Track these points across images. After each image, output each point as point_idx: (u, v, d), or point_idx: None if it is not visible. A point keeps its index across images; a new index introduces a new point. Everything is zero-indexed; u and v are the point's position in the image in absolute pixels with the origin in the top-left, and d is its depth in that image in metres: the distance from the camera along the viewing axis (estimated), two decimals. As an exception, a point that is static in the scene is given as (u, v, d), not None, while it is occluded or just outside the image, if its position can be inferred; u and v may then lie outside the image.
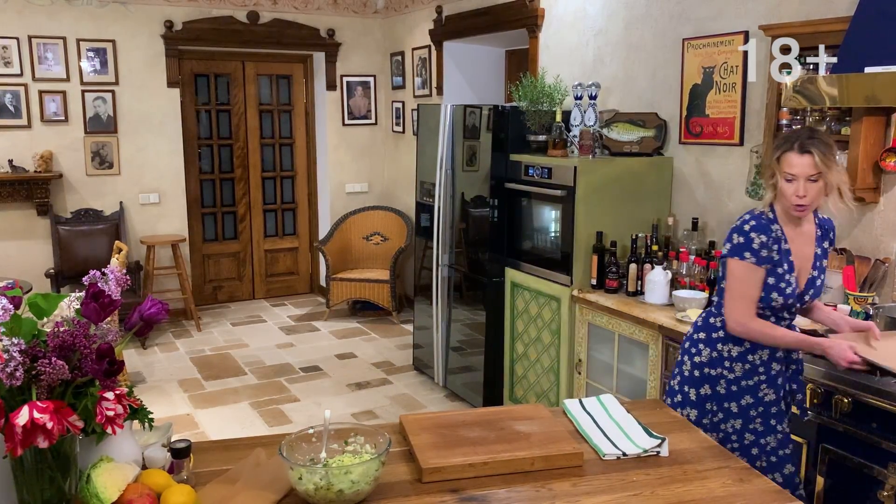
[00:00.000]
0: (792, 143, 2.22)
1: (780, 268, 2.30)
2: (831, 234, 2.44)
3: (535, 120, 4.15)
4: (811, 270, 2.36)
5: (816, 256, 2.37)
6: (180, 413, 4.69)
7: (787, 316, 2.39)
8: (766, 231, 2.29)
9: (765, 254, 2.28)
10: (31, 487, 1.35)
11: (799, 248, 2.35)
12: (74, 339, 1.26)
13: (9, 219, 6.06)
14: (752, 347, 2.38)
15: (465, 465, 1.70)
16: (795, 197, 2.22)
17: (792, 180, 2.21)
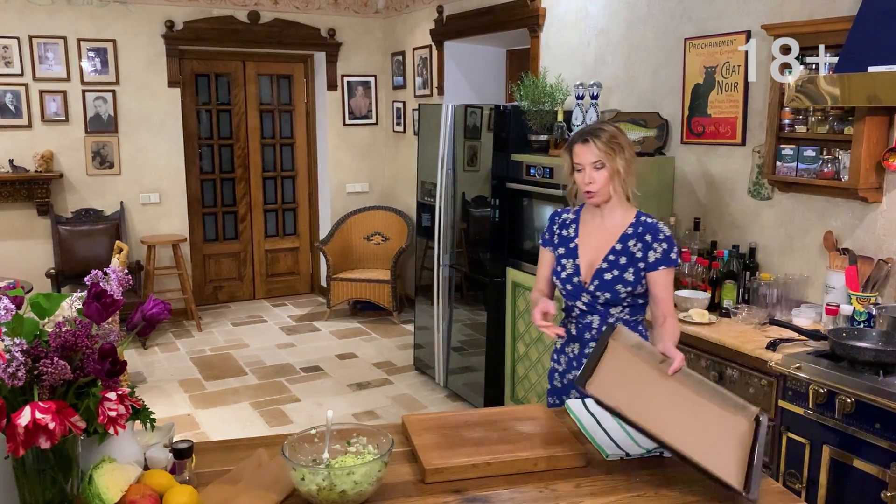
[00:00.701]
0: (578, 135, 2.34)
1: (559, 251, 2.42)
2: (648, 235, 2.32)
3: (536, 120, 4.14)
4: (601, 262, 2.33)
5: (613, 250, 2.33)
6: (181, 413, 4.68)
7: (584, 308, 2.35)
8: (553, 218, 2.49)
9: (547, 236, 2.48)
10: (33, 488, 1.34)
11: (591, 238, 2.38)
12: (77, 339, 1.25)
13: (9, 219, 6.05)
14: (567, 339, 2.43)
15: (468, 466, 1.70)
16: (584, 184, 2.30)
17: (581, 170, 2.30)
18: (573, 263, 2.38)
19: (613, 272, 2.32)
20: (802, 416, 2.56)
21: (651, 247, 2.31)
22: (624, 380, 1.82)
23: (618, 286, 2.30)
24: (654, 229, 2.35)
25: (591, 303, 2.34)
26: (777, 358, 2.64)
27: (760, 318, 3.01)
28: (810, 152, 3.07)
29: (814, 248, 3.21)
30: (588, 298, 2.34)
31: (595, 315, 2.36)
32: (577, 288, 2.35)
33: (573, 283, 2.35)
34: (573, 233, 2.42)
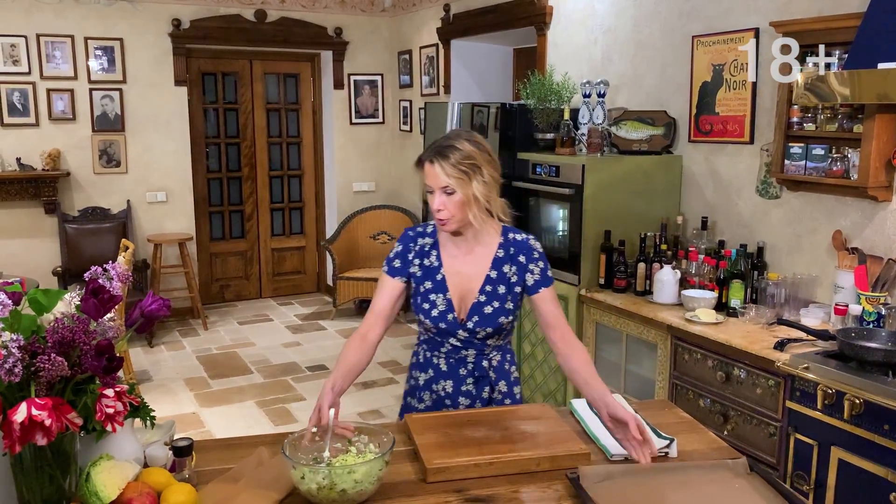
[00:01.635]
0: (428, 151, 1.97)
1: (423, 285, 2.07)
2: (522, 256, 2.06)
3: (542, 118, 4.12)
4: (478, 295, 2.05)
5: (489, 279, 2.05)
6: (186, 412, 4.68)
7: (459, 344, 2.09)
8: (406, 242, 2.11)
9: (397, 264, 2.09)
10: (31, 485, 1.33)
11: (459, 267, 2.07)
12: (74, 335, 1.24)
13: (16, 217, 6.07)
14: (436, 375, 2.13)
15: (469, 465, 1.68)
16: (436, 210, 1.97)
17: (431, 192, 1.97)
18: (444, 299, 2.05)
19: (493, 304, 2.04)
20: (810, 417, 2.53)
21: (527, 269, 2.06)
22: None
23: (500, 318, 2.05)
24: (526, 248, 2.08)
25: (468, 339, 2.08)
26: (785, 358, 2.61)
27: (768, 317, 2.98)
28: (819, 150, 3.04)
29: (822, 247, 3.18)
30: (465, 335, 2.07)
31: (471, 349, 2.10)
32: (451, 325, 2.05)
33: (447, 321, 2.05)
34: (436, 261, 2.08)
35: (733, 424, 2.87)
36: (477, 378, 2.13)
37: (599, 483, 1.60)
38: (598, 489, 1.57)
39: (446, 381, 2.13)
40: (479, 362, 2.12)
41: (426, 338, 2.16)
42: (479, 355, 2.12)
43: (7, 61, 5.90)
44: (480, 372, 2.13)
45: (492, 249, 2.08)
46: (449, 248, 2.10)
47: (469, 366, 2.12)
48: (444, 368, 2.13)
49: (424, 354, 2.18)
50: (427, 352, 2.17)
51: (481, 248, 2.08)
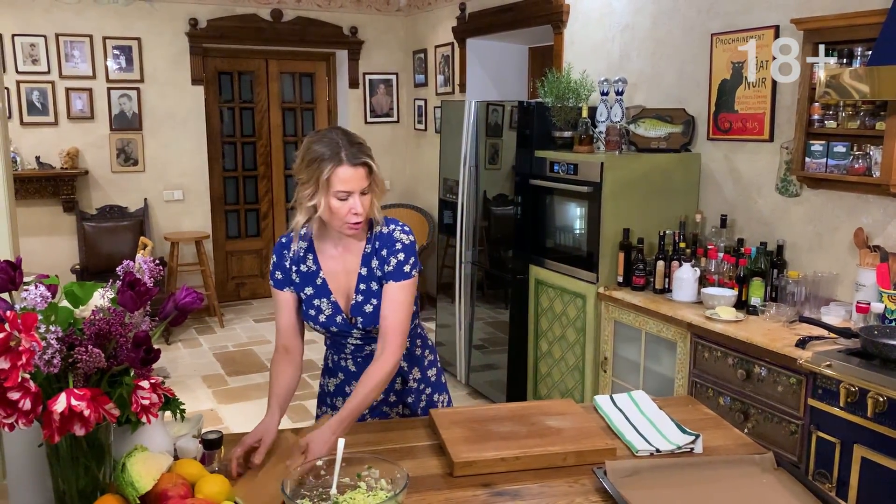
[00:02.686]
0: (339, 155, 1.84)
1: (304, 292, 2.01)
2: (384, 249, 1.98)
3: (560, 116, 4.12)
4: (354, 295, 1.99)
5: (361, 278, 1.99)
6: (204, 408, 4.71)
7: (359, 341, 2.04)
8: (280, 251, 2.03)
9: (279, 276, 2.02)
10: (67, 476, 1.35)
11: (336, 267, 2.00)
12: (111, 327, 1.26)
13: (35, 215, 6.12)
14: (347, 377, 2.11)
15: (496, 460, 1.69)
16: (352, 215, 1.87)
17: (345, 199, 1.85)
18: (329, 302, 1.99)
19: (372, 301, 1.98)
20: (833, 415, 2.52)
21: (387, 261, 1.97)
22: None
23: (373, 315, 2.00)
24: (388, 240, 1.98)
25: (365, 335, 2.03)
26: (807, 356, 2.61)
27: (789, 315, 2.97)
28: (840, 148, 3.02)
29: (843, 245, 3.16)
30: (360, 333, 2.02)
31: (374, 343, 2.01)
32: (343, 327, 2.00)
33: (337, 324, 2.00)
34: (313, 265, 2.01)
35: (754, 423, 2.86)
36: None
37: (626, 478, 1.60)
38: (625, 484, 1.57)
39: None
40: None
41: (330, 342, 2.13)
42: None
43: (27, 61, 5.96)
44: None
45: (360, 246, 2.01)
46: (325, 249, 2.02)
47: None
48: (352, 369, 2.10)
49: (332, 359, 2.14)
50: (334, 355, 2.13)
51: (352, 245, 2.01)
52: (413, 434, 1.90)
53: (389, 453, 1.76)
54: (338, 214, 1.88)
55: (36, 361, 1.20)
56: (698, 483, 1.61)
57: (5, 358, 1.15)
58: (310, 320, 2.02)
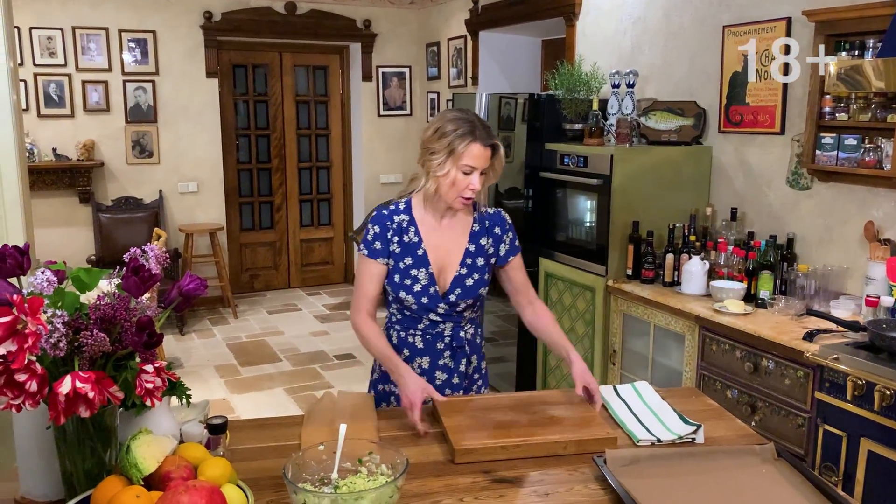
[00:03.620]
0: (473, 132, 2.00)
1: (403, 262, 2.10)
2: (497, 228, 2.17)
3: (571, 108, 4.11)
4: (458, 268, 2.11)
5: (468, 253, 2.13)
6: (217, 398, 4.76)
7: (438, 318, 2.13)
8: (382, 222, 2.11)
9: (378, 246, 2.10)
10: (74, 458, 1.38)
11: (439, 241, 2.12)
12: (115, 311, 1.28)
13: (52, 206, 6.20)
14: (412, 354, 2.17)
15: (497, 447, 1.70)
16: (469, 190, 2.02)
17: (469, 173, 2.01)
18: (426, 273, 2.09)
19: (473, 276, 2.12)
20: (840, 409, 2.51)
21: (501, 239, 2.17)
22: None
23: (480, 289, 2.14)
24: (500, 220, 2.19)
25: (448, 312, 2.13)
26: (814, 349, 2.60)
27: (797, 309, 2.96)
28: (851, 140, 3.00)
29: (854, 238, 3.15)
30: (445, 308, 2.12)
31: (449, 322, 2.15)
32: (433, 299, 2.10)
33: (429, 295, 2.10)
34: (415, 236, 2.11)
35: (761, 415, 2.86)
36: (454, 350, 2.17)
37: (626, 467, 1.61)
38: (625, 473, 1.58)
39: (423, 358, 2.16)
40: (457, 333, 2.17)
41: (400, 318, 2.18)
42: (456, 327, 2.17)
43: (44, 53, 6.02)
44: (458, 343, 2.17)
45: (467, 223, 2.16)
46: (427, 223, 2.13)
47: (446, 339, 2.16)
48: (420, 346, 2.16)
49: (398, 336, 2.18)
50: (401, 332, 2.18)
51: (457, 222, 2.15)
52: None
53: (392, 440, 1.78)
54: (457, 187, 2.02)
55: (42, 345, 1.23)
56: (698, 473, 1.62)
57: (12, 340, 1.18)
58: (403, 290, 2.10)
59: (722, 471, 1.63)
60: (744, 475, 1.62)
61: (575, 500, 1.54)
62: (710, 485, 1.58)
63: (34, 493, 1.46)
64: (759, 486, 1.58)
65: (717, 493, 1.55)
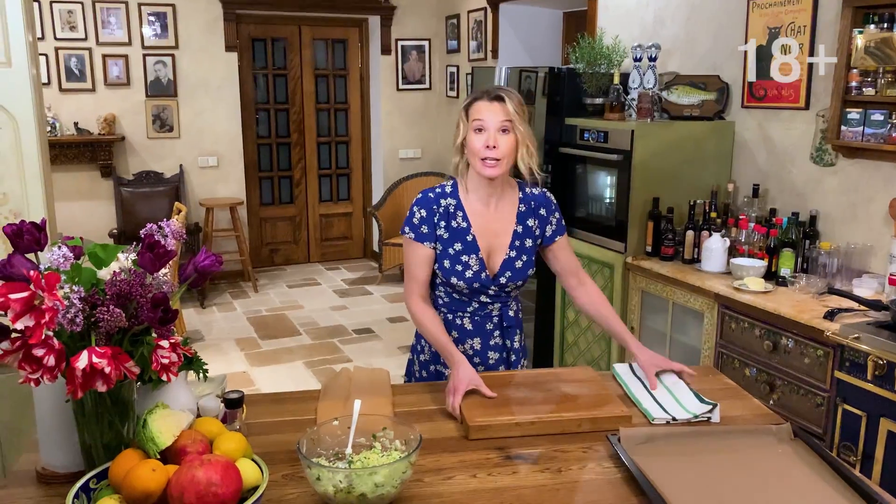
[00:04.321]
0: (483, 92, 2.02)
1: (453, 247, 2.07)
2: (543, 209, 2.14)
3: (591, 82, 4.06)
4: (507, 251, 2.09)
5: (516, 235, 2.10)
6: (237, 370, 4.82)
7: (488, 300, 2.13)
8: (429, 205, 2.09)
9: (425, 230, 2.07)
10: (92, 431, 1.40)
11: (487, 224, 2.09)
12: (131, 287, 1.29)
13: (74, 180, 6.26)
14: (462, 336, 2.16)
15: (511, 424, 1.71)
16: (485, 149, 1.96)
17: (481, 129, 1.97)
18: (476, 258, 2.08)
19: (522, 258, 2.11)
20: (860, 388, 2.49)
21: (548, 220, 2.15)
22: (688, 487, 1.48)
23: (528, 271, 2.13)
24: (545, 201, 2.16)
25: (496, 294, 2.13)
26: (835, 328, 2.57)
27: (818, 287, 2.93)
28: (878, 116, 2.94)
29: (879, 216, 3.09)
30: (495, 290, 2.12)
31: (497, 302, 2.16)
32: (485, 282, 2.09)
33: (480, 280, 2.08)
34: (463, 222, 2.08)
35: (779, 394, 2.84)
36: (504, 329, 2.18)
37: (640, 445, 1.61)
38: (639, 451, 1.58)
39: (473, 339, 2.16)
40: (506, 313, 2.18)
41: (447, 300, 2.15)
42: (504, 307, 2.18)
43: (64, 27, 6.04)
44: (508, 322, 2.18)
45: (514, 205, 2.12)
46: (474, 207, 2.10)
47: (495, 319, 2.17)
48: (469, 327, 2.16)
49: (446, 318, 2.15)
50: (448, 314, 2.16)
51: (504, 204, 2.12)
52: (431, 398, 1.93)
53: (407, 416, 1.79)
54: (473, 149, 1.99)
55: (59, 320, 1.25)
56: (713, 452, 1.61)
57: (30, 316, 1.19)
58: (454, 276, 2.08)
59: (737, 450, 1.62)
60: (759, 455, 1.61)
61: (588, 478, 1.54)
62: (724, 464, 1.57)
63: (55, 465, 1.49)
64: (775, 466, 1.57)
65: (731, 472, 1.55)
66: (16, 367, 1.23)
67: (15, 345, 1.21)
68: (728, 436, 1.68)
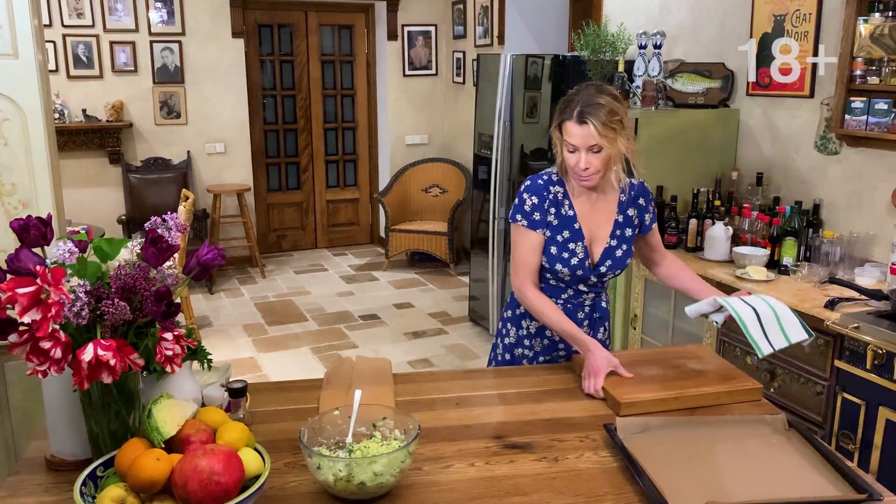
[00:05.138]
0: (572, 109, 1.97)
1: (561, 235, 2.11)
2: (641, 199, 2.18)
3: (596, 70, 4.06)
4: (608, 240, 2.13)
5: (617, 224, 2.14)
6: (244, 356, 4.87)
7: (585, 289, 2.17)
8: (540, 192, 2.11)
9: (537, 217, 2.10)
10: (99, 420, 1.44)
11: (590, 214, 2.13)
12: (135, 281, 1.32)
13: (83, 167, 6.30)
14: None
15: (657, 400, 1.81)
16: (578, 168, 2.01)
17: (574, 151, 2.00)
18: (582, 246, 2.11)
19: (622, 247, 2.15)
20: (859, 377, 2.51)
21: (647, 209, 2.19)
22: (682, 477, 1.51)
23: (627, 260, 2.16)
24: (644, 191, 2.19)
25: (594, 284, 2.17)
26: (835, 317, 2.58)
27: (820, 276, 2.94)
28: (882, 105, 2.93)
29: (882, 205, 3.10)
30: (594, 280, 2.16)
31: (592, 292, 2.19)
32: (587, 271, 2.13)
33: (584, 268, 2.12)
34: (570, 210, 2.12)
35: (780, 382, 2.86)
36: (594, 320, 2.22)
37: (636, 434, 1.64)
38: (635, 441, 1.61)
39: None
40: (598, 303, 2.23)
41: (543, 286, 2.17)
42: (597, 297, 2.22)
43: (72, 14, 6.06)
44: (600, 312, 2.23)
45: (615, 194, 2.15)
46: (580, 196, 2.13)
47: (586, 308, 2.20)
48: None
49: None
50: None
51: (607, 194, 2.14)
52: (432, 387, 1.96)
53: (408, 404, 1.82)
54: (569, 164, 2.04)
55: (66, 313, 1.28)
56: (707, 441, 1.64)
57: (37, 310, 1.23)
58: (559, 262, 2.11)
59: (732, 440, 1.64)
60: (753, 444, 1.63)
61: (584, 467, 1.57)
62: (719, 454, 1.60)
63: (63, 453, 1.53)
64: (768, 455, 1.60)
65: (725, 461, 1.57)
66: (24, 359, 1.27)
67: (23, 337, 1.25)
68: (723, 426, 1.70)
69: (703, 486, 1.47)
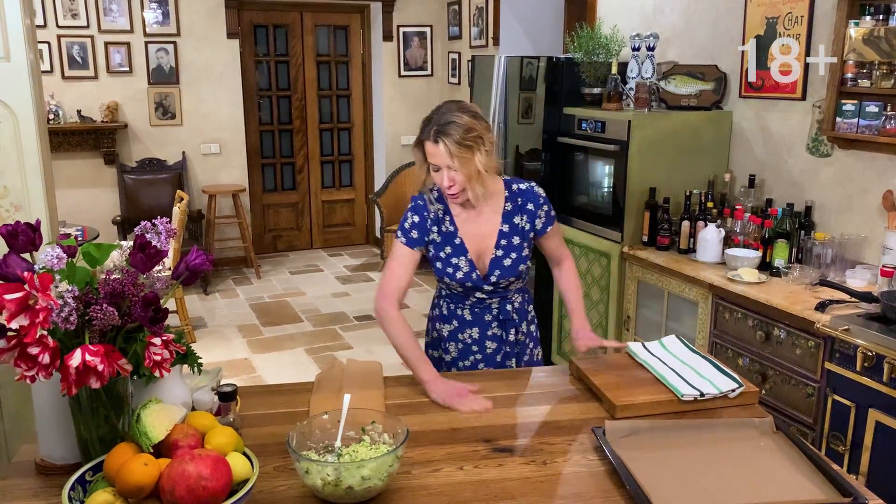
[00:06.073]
0: (429, 129, 1.99)
1: (443, 251, 2.14)
2: (530, 204, 2.18)
3: (590, 72, 4.06)
4: (494, 250, 2.15)
5: (502, 234, 2.15)
6: (239, 357, 4.87)
7: (484, 296, 2.19)
8: (420, 211, 2.15)
9: (415, 235, 2.13)
10: (88, 424, 1.44)
11: (473, 227, 2.15)
12: (123, 287, 1.33)
13: (78, 168, 6.30)
14: (461, 325, 2.23)
15: (652, 403, 1.82)
16: (443, 186, 2.04)
17: (437, 170, 2.02)
18: (466, 260, 2.14)
19: (511, 255, 2.16)
20: (849, 379, 2.52)
21: (536, 215, 2.18)
22: (669, 480, 1.51)
23: (520, 266, 2.17)
24: (532, 195, 2.19)
25: (492, 291, 2.19)
26: (825, 319, 2.59)
27: (811, 278, 2.95)
28: (873, 108, 2.95)
29: (873, 207, 3.11)
30: (490, 288, 2.17)
31: (496, 297, 2.21)
32: (476, 283, 2.15)
33: (472, 280, 2.15)
34: (451, 226, 2.15)
35: (771, 384, 2.88)
36: (502, 321, 2.23)
37: (624, 438, 1.65)
38: (622, 444, 1.62)
39: (472, 329, 2.23)
40: (504, 307, 2.23)
41: (448, 292, 2.24)
42: (503, 301, 2.22)
43: (66, 15, 6.06)
44: (505, 316, 2.23)
45: (499, 205, 2.17)
46: (459, 211, 2.16)
47: (493, 311, 2.22)
48: (468, 318, 2.23)
49: (448, 307, 2.25)
50: (450, 304, 2.25)
51: (489, 205, 2.16)
52: (422, 390, 1.97)
53: (398, 408, 1.83)
54: (435, 182, 2.07)
55: (54, 318, 1.28)
56: (695, 445, 1.65)
57: (24, 315, 1.23)
58: (445, 276, 2.17)
59: (719, 443, 1.65)
60: (740, 448, 1.64)
61: (572, 471, 1.57)
62: (707, 457, 1.61)
63: (53, 457, 1.53)
64: (756, 459, 1.60)
65: (713, 465, 1.58)
66: (12, 365, 1.27)
67: (10, 343, 1.25)
68: (711, 429, 1.71)
69: (690, 490, 1.48)
